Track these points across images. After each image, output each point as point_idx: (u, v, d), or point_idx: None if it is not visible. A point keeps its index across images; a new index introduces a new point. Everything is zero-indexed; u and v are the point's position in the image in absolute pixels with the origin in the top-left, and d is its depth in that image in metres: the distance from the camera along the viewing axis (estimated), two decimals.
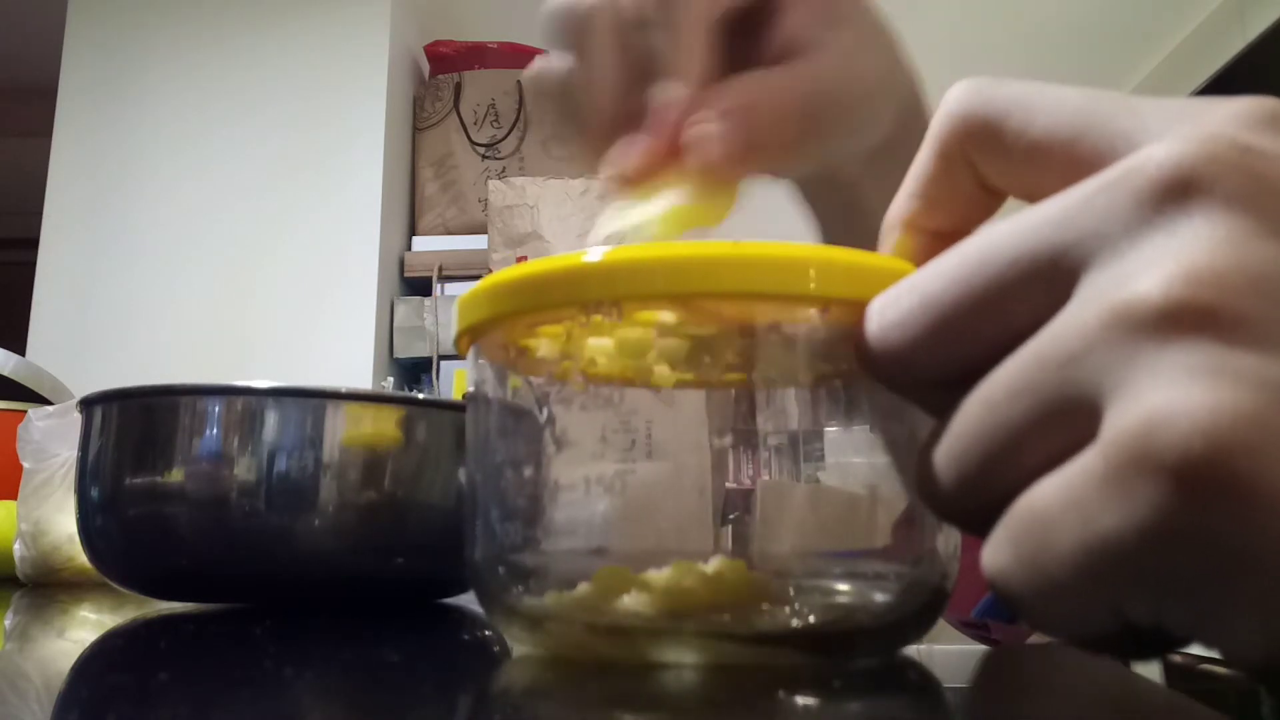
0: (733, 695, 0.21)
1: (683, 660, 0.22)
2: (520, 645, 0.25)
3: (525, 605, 0.25)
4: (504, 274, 0.23)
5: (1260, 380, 0.14)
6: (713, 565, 0.24)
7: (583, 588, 0.24)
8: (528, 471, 0.26)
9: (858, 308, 0.20)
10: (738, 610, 0.23)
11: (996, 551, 0.17)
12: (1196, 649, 0.16)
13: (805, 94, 0.30)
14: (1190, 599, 0.15)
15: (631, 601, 0.23)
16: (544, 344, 0.24)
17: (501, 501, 0.26)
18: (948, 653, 0.32)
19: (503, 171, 2.16)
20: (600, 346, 0.24)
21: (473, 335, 0.25)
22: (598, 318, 0.22)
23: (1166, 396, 0.14)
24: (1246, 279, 0.15)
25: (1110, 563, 0.15)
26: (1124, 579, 0.15)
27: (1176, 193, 0.16)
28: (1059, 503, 0.16)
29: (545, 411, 0.25)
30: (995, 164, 0.21)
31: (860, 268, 0.21)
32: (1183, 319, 0.15)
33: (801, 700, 0.21)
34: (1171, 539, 0.14)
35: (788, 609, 0.23)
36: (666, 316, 0.23)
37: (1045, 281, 0.17)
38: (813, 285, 0.21)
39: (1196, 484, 0.14)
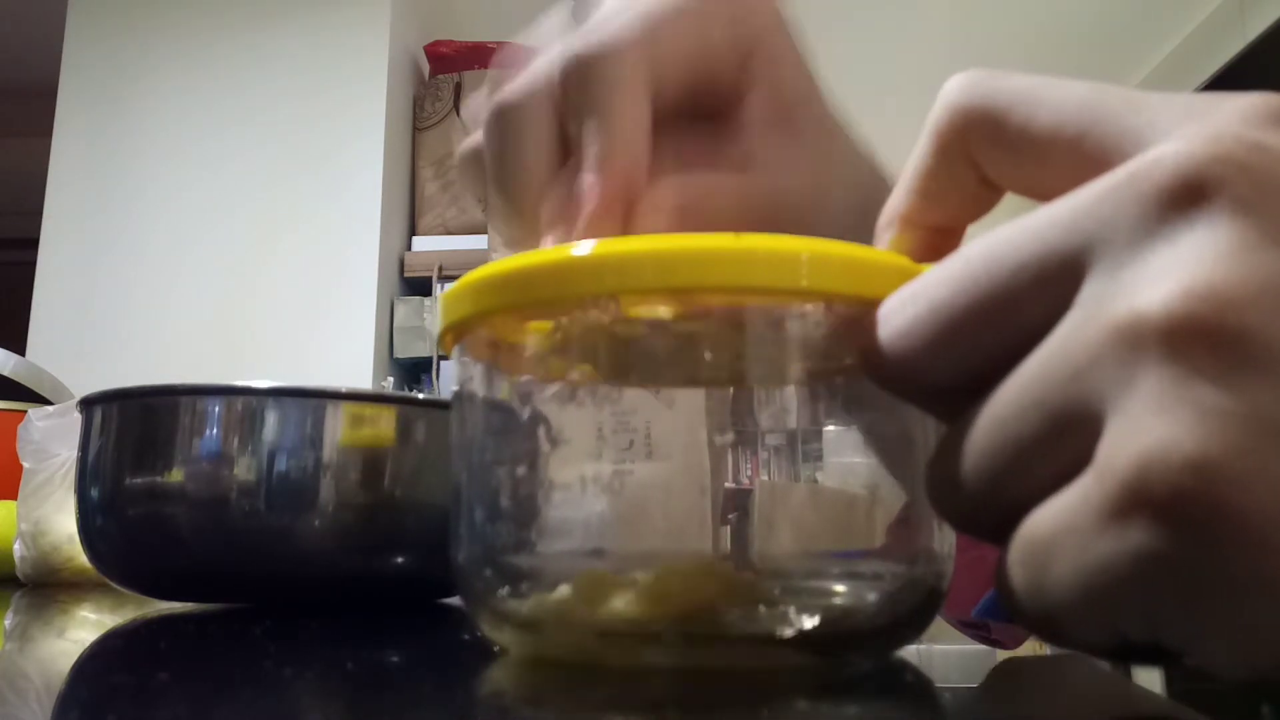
0: (721, 699, 0.21)
1: (671, 663, 0.22)
2: (507, 648, 0.25)
3: (512, 608, 0.24)
4: (489, 268, 0.22)
5: (1254, 411, 0.14)
6: (697, 567, 0.23)
7: (563, 590, 0.23)
8: (518, 472, 0.25)
9: (855, 302, 0.20)
10: (726, 612, 0.22)
11: (1008, 572, 0.17)
12: None
13: (752, 206, 0.28)
14: (1180, 623, 0.15)
15: (618, 605, 0.22)
16: (533, 340, 0.23)
17: (487, 503, 0.25)
18: (946, 653, 0.32)
19: None
20: (592, 343, 0.23)
21: (457, 333, 0.24)
22: (589, 313, 0.21)
23: (1160, 428, 0.14)
24: (1248, 293, 0.15)
25: (1105, 589, 0.15)
26: (1118, 604, 0.15)
27: (1182, 199, 0.16)
28: (1058, 529, 0.16)
29: (534, 411, 0.24)
30: (996, 159, 0.20)
31: (857, 262, 0.21)
32: (1183, 337, 0.15)
33: (794, 703, 0.21)
34: (1162, 570, 0.15)
35: (778, 610, 0.22)
36: (661, 311, 0.22)
37: (1053, 287, 0.17)
38: (807, 279, 0.20)
39: (1189, 521, 0.14)
